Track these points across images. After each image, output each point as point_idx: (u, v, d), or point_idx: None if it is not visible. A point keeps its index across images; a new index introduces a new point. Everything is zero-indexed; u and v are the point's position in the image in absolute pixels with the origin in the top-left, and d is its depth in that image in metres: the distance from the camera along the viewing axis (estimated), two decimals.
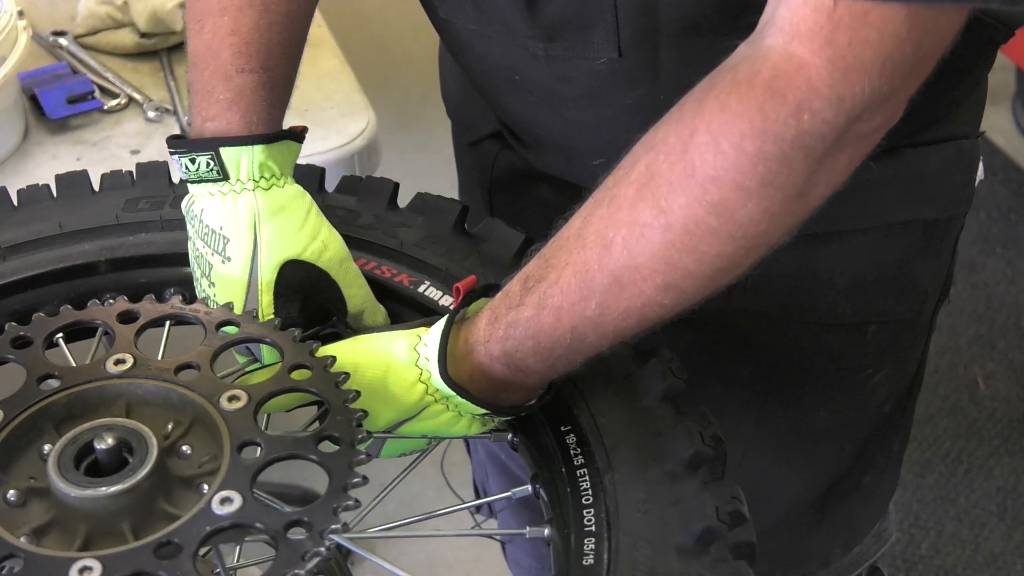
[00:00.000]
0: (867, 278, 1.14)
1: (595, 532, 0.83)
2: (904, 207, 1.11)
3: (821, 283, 1.13)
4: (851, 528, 1.38)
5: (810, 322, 1.15)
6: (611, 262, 0.80)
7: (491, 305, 0.88)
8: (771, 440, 1.24)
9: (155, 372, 0.88)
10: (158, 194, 1.10)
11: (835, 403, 1.23)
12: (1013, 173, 3.10)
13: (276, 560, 0.76)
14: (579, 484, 0.87)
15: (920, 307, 1.19)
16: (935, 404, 2.54)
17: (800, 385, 1.21)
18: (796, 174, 0.75)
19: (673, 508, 0.82)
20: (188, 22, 1.01)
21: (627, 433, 0.88)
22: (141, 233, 1.07)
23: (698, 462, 0.85)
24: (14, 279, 1.03)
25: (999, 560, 2.27)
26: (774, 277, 1.10)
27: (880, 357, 1.20)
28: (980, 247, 2.89)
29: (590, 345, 0.85)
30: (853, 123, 0.74)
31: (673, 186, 0.77)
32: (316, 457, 0.82)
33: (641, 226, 0.78)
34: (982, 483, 2.40)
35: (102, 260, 1.05)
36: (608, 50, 0.98)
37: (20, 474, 0.83)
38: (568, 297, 0.82)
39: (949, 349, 2.66)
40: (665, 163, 0.77)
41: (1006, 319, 2.74)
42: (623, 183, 0.80)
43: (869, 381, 1.21)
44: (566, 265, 0.82)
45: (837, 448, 1.27)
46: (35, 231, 1.06)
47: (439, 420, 0.90)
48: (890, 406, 1.26)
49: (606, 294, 0.81)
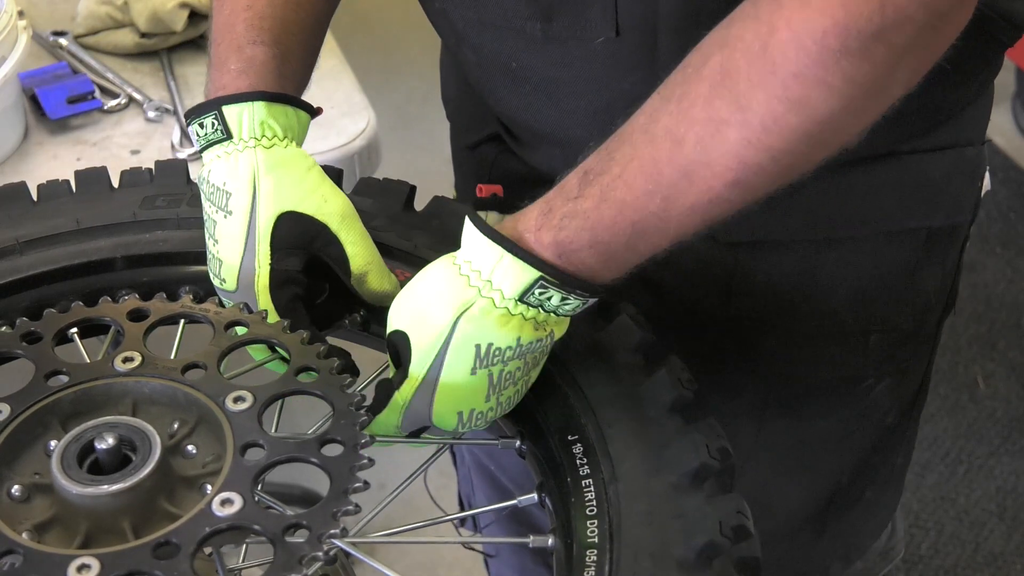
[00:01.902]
0: (869, 286, 1.13)
1: (597, 543, 0.82)
2: (905, 214, 1.10)
3: (822, 290, 1.12)
4: (852, 542, 1.37)
5: (811, 330, 1.15)
6: (682, 158, 0.80)
7: (545, 198, 0.86)
8: (771, 450, 1.23)
9: (162, 371, 0.88)
10: (176, 192, 1.10)
11: (836, 413, 1.22)
12: (1013, 173, 3.09)
13: (274, 563, 0.76)
14: (584, 494, 0.86)
15: (923, 317, 1.18)
16: (935, 404, 2.54)
17: (801, 394, 1.20)
18: (877, 69, 0.75)
19: (676, 521, 0.81)
20: (212, 1, 1.05)
21: (633, 444, 0.87)
22: (158, 231, 1.07)
23: (703, 475, 0.84)
24: (31, 273, 1.03)
25: (999, 560, 2.27)
26: (776, 284, 1.11)
27: (882, 367, 1.19)
28: (980, 247, 2.89)
29: (649, 243, 0.84)
30: (933, 19, 0.74)
31: (752, 83, 0.77)
32: (318, 460, 0.82)
33: (717, 122, 0.78)
34: (982, 483, 2.40)
35: (118, 257, 1.05)
36: (606, 28, 0.98)
37: (25, 470, 0.84)
38: (633, 191, 0.81)
39: (949, 349, 2.66)
40: (743, 60, 0.77)
41: (1006, 319, 2.74)
42: (694, 80, 0.79)
43: (871, 391, 1.20)
44: (632, 159, 0.81)
45: (838, 459, 1.26)
46: (52, 226, 1.06)
47: (487, 320, 0.86)
48: (892, 418, 1.25)
49: (673, 189, 0.80)
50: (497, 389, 0.88)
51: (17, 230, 1.05)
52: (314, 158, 1.00)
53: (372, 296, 0.99)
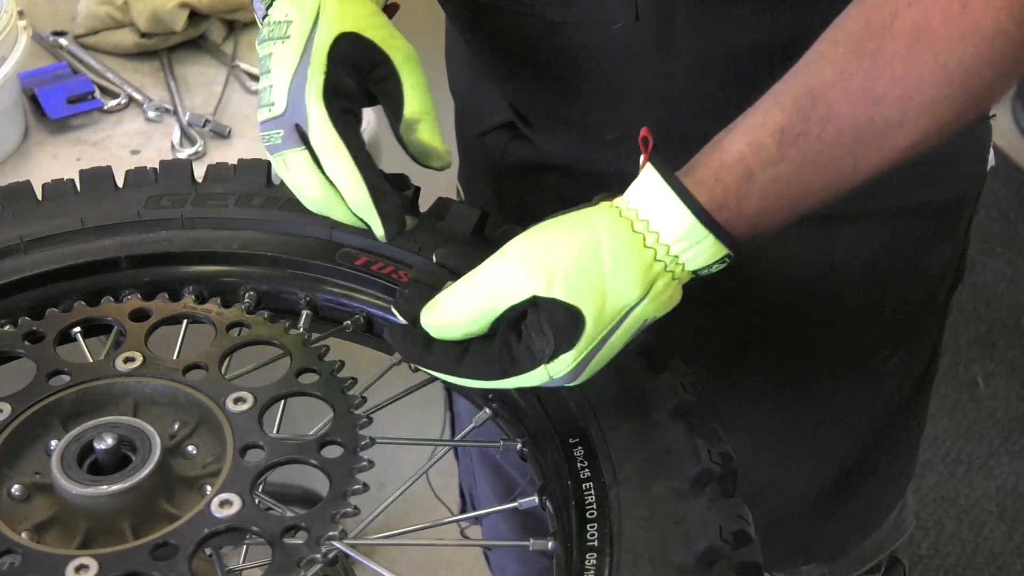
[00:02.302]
0: (882, 261, 1.14)
1: (597, 547, 0.82)
2: (916, 189, 1.11)
3: (838, 266, 1.13)
4: (869, 513, 1.37)
5: (827, 305, 1.15)
6: (881, 117, 0.80)
7: (740, 159, 0.81)
8: (786, 426, 1.23)
9: (163, 371, 0.88)
10: (180, 192, 1.10)
11: (850, 389, 1.22)
12: (1013, 173, 3.08)
13: (272, 565, 0.76)
14: (584, 498, 0.86)
15: (934, 290, 1.20)
16: (935, 404, 2.52)
17: (816, 370, 1.20)
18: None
19: (676, 526, 0.81)
20: None
21: (635, 448, 0.87)
22: (162, 230, 1.07)
23: (704, 480, 0.84)
24: (35, 272, 1.03)
25: (999, 560, 2.27)
26: (792, 262, 1.11)
27: (894, 340, 1.20)
28: (980, 247, 2.88)
29: (825, 198, 0.84)
30: None
31: (953, 41, 0.78)
32: (317, 462, 0.82)
33: (917, 80, 0.79)
34: (982, 483, 2.40)
35: (122, 256, 1.05)
36: (626, 14, 0.97)
37: (26, 469, 0.84)
38: (833, 151, 0.81)
39: (949, 349, 2.65)
40: (939, 18, 0.78)
41: (1006, 319, 2.74)
42: (886, 37, 0.80)
43: (884, 365, 1.21)
44: (829, 119, 0.81)
45: (852, 433, 1.26)
46: (57, 225, 1.06)
47: (664, 295, 0.81)
48: (906, 390, 1.26)
49: (866, 148, 0.81)
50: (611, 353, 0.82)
51: (22, 229, 1.05)
52: None
53: (418, 149, 0.94)
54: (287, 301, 1.03)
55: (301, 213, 1.02)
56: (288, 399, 0.90)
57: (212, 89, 1.59)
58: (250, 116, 1.49)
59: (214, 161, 1.15)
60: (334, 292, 1.03)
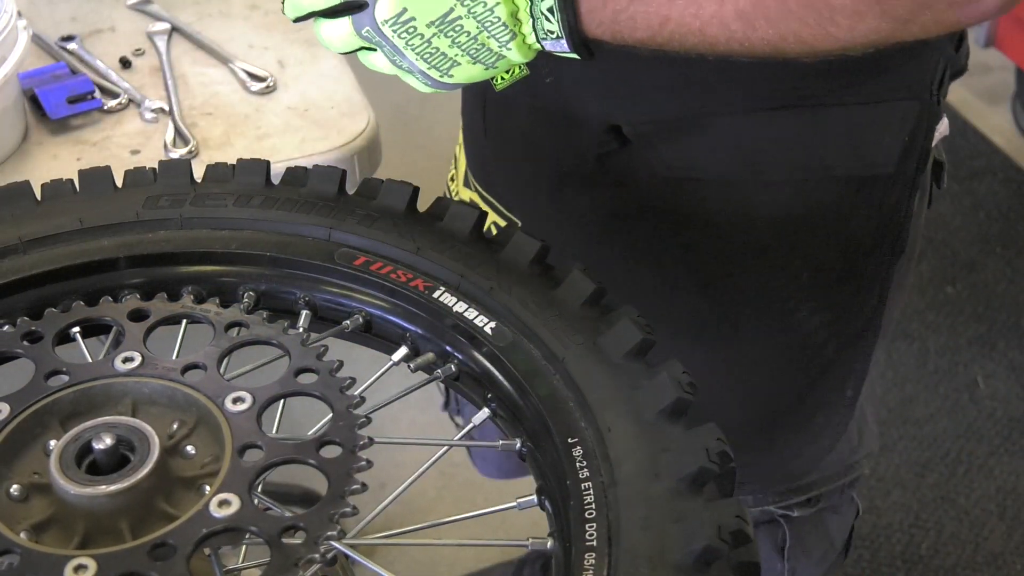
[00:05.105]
0: (799, 226, 1.22)
1: (596, 547, 0.82)
2: (828, 162, 1.17)
3: (758, 226, 1.23)
4: (801, 458, 1.46)
5: (749, 260, 1.26)
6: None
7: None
8: (713, 364, 1.32)
9: (162, 371, 0.88)
10: (179, 192, 1.10)
11: (776, 336, 1.32)
12: (1013, 173, 3.08)
13: (271, 565, 0.76)
14: (583, 497, 0.86)
15: (855, 258, 1.25)
16: (935, 404, 2.55)
17: (744, 314, 1.30)
18: None
19: (674, 526, 0.81)
20: None
21: (633, 447, 0.87)
22: (161, 230, 1.07)
23: (702, 479, 0.84)
24: (33, 273, 1.03)
25: (999, 560, 2.27)
26: (718, 217, 1.23)
27: (813, 300, 1.28)
28: (980, 247, 2.89)
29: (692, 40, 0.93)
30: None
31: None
32: (316, 462, 0.82)
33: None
34: (982, 483, 2.40)
35: (121, 256, 1.05)
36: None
37: (24, 469, 0.84)
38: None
39: (949, 349, 2.66)
40: None
41: (1006, 319, 2.74)
42: None
43: (806, 322, 1.30)
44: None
45: (779, 378, 1.36)
46: (56, 225, 1.06)
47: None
48: (832, 349, 1.32)
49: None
50: (443, 28, 0.93)
51: (20, 229, 1.05)
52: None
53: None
54: (286, 301, 1.03)
55: (300, 213, 1.03)
56: (287, 399, 0.90)
57: (212, 89, 1.58)
58: (250, 116, 1.49)
59: (208, 161, 1.15)
60: (333, 292, 1.03)
